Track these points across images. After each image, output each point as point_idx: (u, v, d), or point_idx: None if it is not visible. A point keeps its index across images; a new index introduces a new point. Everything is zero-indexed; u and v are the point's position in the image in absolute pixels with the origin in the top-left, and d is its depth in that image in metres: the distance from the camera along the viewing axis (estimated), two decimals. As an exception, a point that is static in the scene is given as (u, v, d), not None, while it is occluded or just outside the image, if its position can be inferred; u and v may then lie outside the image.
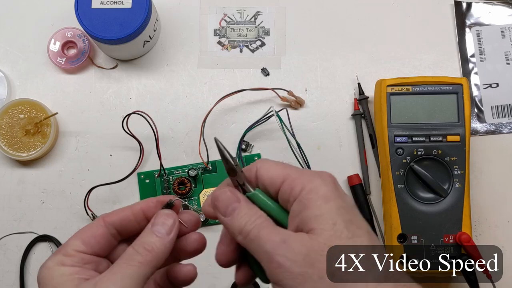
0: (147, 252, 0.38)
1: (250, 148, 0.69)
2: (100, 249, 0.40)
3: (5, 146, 0.66)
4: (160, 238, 0.39)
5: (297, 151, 0.65)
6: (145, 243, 0.38)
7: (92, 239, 0.39)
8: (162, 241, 0.39)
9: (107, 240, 0.40)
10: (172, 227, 0.39)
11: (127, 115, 0.65)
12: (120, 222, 0.40)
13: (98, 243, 0.40)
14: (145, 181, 0.68)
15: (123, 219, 0.40)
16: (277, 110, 0.65)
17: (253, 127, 0.68)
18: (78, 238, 0.39)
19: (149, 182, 0.68)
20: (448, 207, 0.61)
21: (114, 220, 0.40)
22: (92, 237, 0.40)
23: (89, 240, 0.39)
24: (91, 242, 0.39)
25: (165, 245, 0.39)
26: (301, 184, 0.36)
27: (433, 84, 0.64)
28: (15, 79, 0.71)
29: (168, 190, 0.67)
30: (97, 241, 0.40)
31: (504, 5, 0.72)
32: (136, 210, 0.41)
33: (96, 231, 0.40)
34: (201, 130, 0.67)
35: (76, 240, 0.39)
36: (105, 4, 0.64)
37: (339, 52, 0.71)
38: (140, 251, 0.38)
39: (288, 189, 0.36)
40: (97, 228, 0.40)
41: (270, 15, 0.72)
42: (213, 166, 0.68)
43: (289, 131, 0.65)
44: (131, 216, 0.41)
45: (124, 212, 0.41)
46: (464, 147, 0.62)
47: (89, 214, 0.66)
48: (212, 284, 0.66)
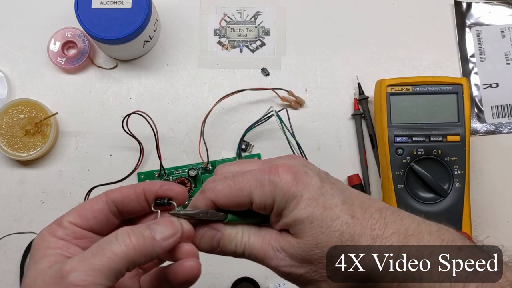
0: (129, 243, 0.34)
1: (250, 148, 0.69)
2: (96, 224, 0.38)
3: (5, 146, 0.66)
4: (152, 238, 0.35)
5: (297, 151, 0.65)
6: (132, 233, 0.34)
7: (89, 213, 0.38)
8: (152, 241, 0.35)
9: (105, 216, 0.38)
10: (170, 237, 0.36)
11: (127, 115, 0.65)
12: (122, 199, 0.38)
13: (95, 217, 0.38)
14: (145, 181, 0.68)
15: (125, 197, 0.39)
16: (277, 110, 0.65)
17: (253, 127, 0.68)
18: (76, 210, 0.38)
19: None
20: (448, 207, 0.61)
21: (116, 197, 0.38)
22: (90, 211, 0.38)
23: (85, 214, 0.38)
24: (87, 216, 0.38)
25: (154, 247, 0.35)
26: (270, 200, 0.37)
27: (433, 84, 0.64)
28: (15, 79, 0.71)
29: None
30: (94, 215, 0.38)
31: (504, 5, 0.72)
32: (139, 190, 0.39)
33: (95, 205, 0.38)
34: (201, 130, 0.67)
35: (74, 211, 0.38)
36: (105, 4, 0.64)
37: (339, 52, 0.71)
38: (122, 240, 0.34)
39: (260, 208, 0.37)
40: (97, 202, 0.38)
41: (270, 15, 0.72)
42: (213, 166, 0.68)
43: (289, 131, 0.65)
44: (133, 195, 0.39)
45: (127, 190, 0.39)
46: (464, 147, 0.62)
47: None
48: (212, 284, 0.66)
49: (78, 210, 0.38)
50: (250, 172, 0.37)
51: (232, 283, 0.64)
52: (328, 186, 0.37)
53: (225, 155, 0.69)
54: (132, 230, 0.35)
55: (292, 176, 0.36)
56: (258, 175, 0.37)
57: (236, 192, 0.37)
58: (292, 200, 0.36)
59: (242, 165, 0.40)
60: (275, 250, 0.37)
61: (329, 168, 0.38)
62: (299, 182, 0.36)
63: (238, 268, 0.65)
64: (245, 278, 0.64)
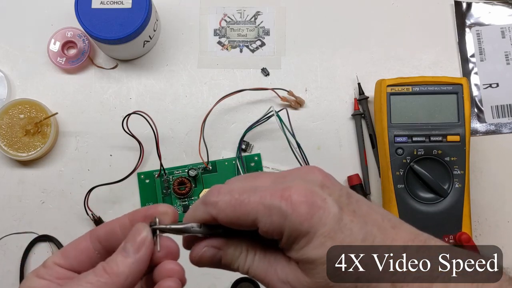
0: (105, 275, 0.33)
1: (250, 148, 0.69)
2: (78, 263, 0.36)
3: (5, 146, 0.66)
4: (124, 258, 0.33)
5: (297, 151, 0.65)
6: (106, 265, 0.33)
7: (72, 252, 0.36)
8: (126, 262, 0.33)
9: (88, 254, 0.36)
10: (141, 244, 0.34)
11: (127, 115, 0.65)
12: (105, 235, 0.36)
13: (76, 257, 0.36)
14: (145, 181, 0.68)
15: (108, 232, 0.36)
16: (277, 110, 0.65)
17: (253, 127, 0.68)
18: (62, 250, 0.37)
19: (149, 182, 0.68)
20: (448, 207, 0.61)
21: (100, 233, 0.36)
22: (73, 249, 0.36)
23: (68, 253, 0.36)
24: (70, 255, 0.36)
25: (130, 266, 0.33)
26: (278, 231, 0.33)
27: (433, 84, 0.64)
28: (15, 79, 0.71)
29: (168, 190, 0.67)
30: (76, 254, 0.36)
31: (504, 5, 0.72)
32: (123, 222, 0.36)
33: (79, 244, 0.36)
34: (201, 130, 0.67)
35: (59, 251, 0.37)
36: (105, 4, 0.64)
37: (339, 52, 0.71)
38: (98, 273, 0.33)
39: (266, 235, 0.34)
40: (81, 241, 0.37)
41: (270, 15, 0.72)
42: (213, 166, 0.68)
43: (289, 131, 0.65)
44: (117, 228, 0.36)
45: (110, 225, 0.36)
46: (464, 147, 0.62)
47: (89, 214, 0.66)
48: (212, 284, 0.66)
49: (63, 250, 0.36)
50: (259, 192, 0.33)
51: (232, 283, 0.64)
52: (348, 217, 0.33)
53: (225, 155, 0.69)
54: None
55: (307, 208, 0.32)
56: (267, 198, 0.33)
57: (240, 214, 0.33)
58: (304, 236, 0.32)
59: (252, 180, 0.36)
60: (281, 282, 0.34)
61: (329, 168, 0.37)
62: (314, 215, 0.32)
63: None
64: (245, 278, 0.64)
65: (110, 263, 0.34)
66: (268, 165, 0.69)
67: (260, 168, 0.68)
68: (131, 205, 0.68)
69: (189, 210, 0.36)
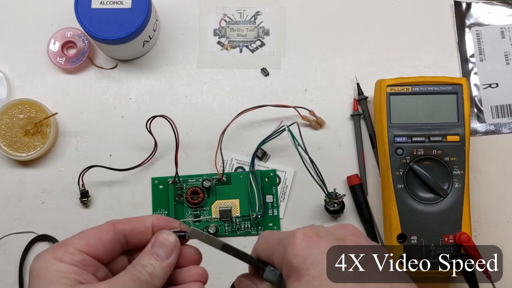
0: (148, 275, 0.37)
1: (267, 158, 0.68)
2: (103, 254, 0.38)
3: (5, 146, 0.66)
4: (159, 261, 0.37)
5: (310, 166, 0.62)
6: (146, 266, 0.37)
7: (98, 242, 0.38)
8: (161, 264, 0.37)
9: (113, 247, 0.39)
10: (172, 250, 0.38)
11: (152, 117, 0.64)
12: (131, 231, 0.39)
13: (104, 247, 0.38)
14: (159, 186, 0.67)
15: (135, 229, 0.39)
16: (288, 124, 0.64)
17: (266, 141, 0.67)
18: (84, 238, 0.38)
19: (162, 188, 0.67)
20: (448, 207, 0.61)
21: (125, 228, 0.39)
22: (99, 240, 0.38)
23: (94, 243, 0.38)
24: (97, 245, 0.38)
25: (164, 269, 0.38)
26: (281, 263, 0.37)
27: (433, 84, 0.64)
28: (15, 79, 0.71)
29: (181, 198, 0.67)
30: (103, 245, 0.38)
31: (504, 5, 0.72)
32: (149, 224, 0.40)
33: (105, 235, 0.38)
34: (219, 142, 0.66)
35: (81, 239, 0.38)
36: (105, 4, 0.64)
37: (339, 52, 0.71)
38: (142, 271, 0.37)
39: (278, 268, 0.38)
40: (106, 232, 0.39)
41: (270, 15, 0.72)
42: (228, 178, 0.67)
43: (301, 146, 0.63)
44: (143, 228, 0.39)
45: (136, 223, 0.40)
46: (464, 147, 0.62)
47: (80, 185, 0.66)
48: (212, 284, 0.66)
49: (87, 238, 0.38)
50: (283, 232, 0.38)
51: (232, 283, 0.64)
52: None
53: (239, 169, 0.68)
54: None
55: (304, 246, 0.35)
56: (281, 234, 0.37)
57: (265, 246, 0.39)
58: (295, 272, 0.35)
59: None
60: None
61: (329, 168, 0.38)
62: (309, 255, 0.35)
63: (238, 268, 0.65)
64: (245, 278, 0.64)
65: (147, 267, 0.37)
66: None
67: (275, 184, 0.67)
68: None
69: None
